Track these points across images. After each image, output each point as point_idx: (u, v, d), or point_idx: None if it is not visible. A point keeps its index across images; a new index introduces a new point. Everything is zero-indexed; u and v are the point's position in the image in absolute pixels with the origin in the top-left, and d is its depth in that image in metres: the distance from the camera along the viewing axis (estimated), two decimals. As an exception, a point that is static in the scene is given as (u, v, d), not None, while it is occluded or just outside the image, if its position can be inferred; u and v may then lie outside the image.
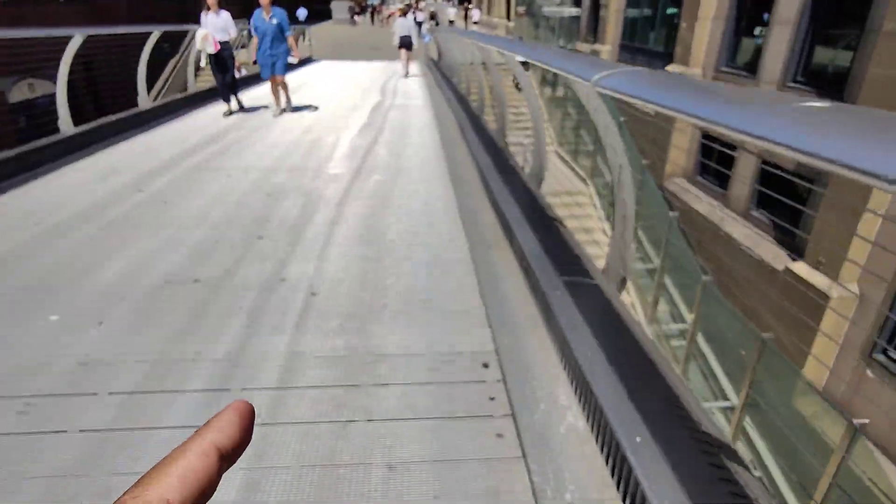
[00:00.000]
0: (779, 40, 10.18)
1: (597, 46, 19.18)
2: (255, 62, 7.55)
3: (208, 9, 7.03)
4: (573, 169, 14.52)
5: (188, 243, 3.40)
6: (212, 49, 7.02)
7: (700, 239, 11.41)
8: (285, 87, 7.70)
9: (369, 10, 42.61)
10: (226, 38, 7.18)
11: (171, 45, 18.07)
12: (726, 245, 10.50)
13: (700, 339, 7.09)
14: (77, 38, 6.05)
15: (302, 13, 31.92)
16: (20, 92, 13.88)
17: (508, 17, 38.03)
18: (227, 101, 7.76)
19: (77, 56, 6.66)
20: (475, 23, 42.30)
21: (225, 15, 7.12)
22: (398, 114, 8.21)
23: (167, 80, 17.28)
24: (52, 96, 11.47)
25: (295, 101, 9.34)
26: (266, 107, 8.19)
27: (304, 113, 8.07)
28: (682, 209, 11.00)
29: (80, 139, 6.06)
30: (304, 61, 18.88)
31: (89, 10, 17.84)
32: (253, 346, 2.33)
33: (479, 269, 3.07)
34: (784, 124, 1.07)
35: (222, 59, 7.30)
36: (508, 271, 3.02)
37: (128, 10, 18.85)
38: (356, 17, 42.93)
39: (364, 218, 3.93)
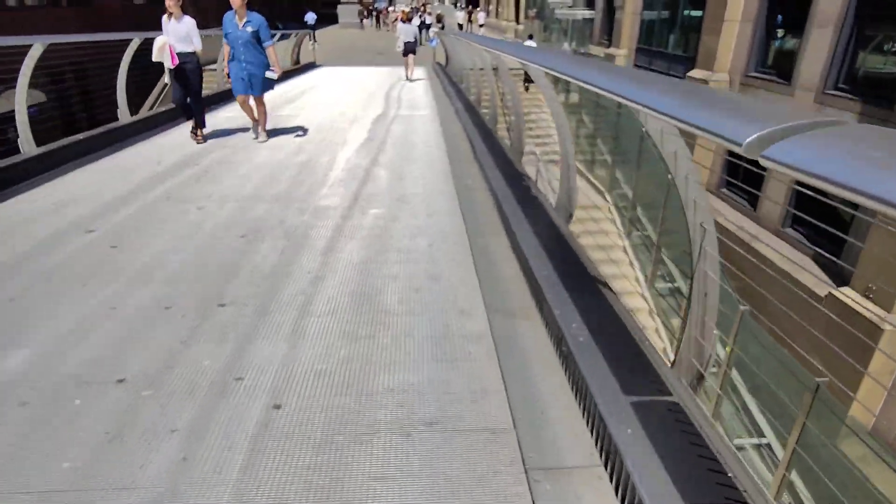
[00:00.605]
0: (818, 44, 9.34)
1: (612, 50, 18.36)
2: (227, 75, 6.39)
3: (170, 14, 5.82)
4: (589, 180, 13.76)
5: (125, 313, 2.64)
6: (170, 63, 5.75)
7: (726, 258, 10.56)
8: (263, 110, 6.45)
9: (374, 14, 42.00)
10: (188, 49, 5.91)
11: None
12: (757, 266, 9.65)
13: (734, 373, 6.37)
14: (37, 47, 5.35)
15: (311, 17, 31.44)
16: (8, 101, 13.23)
17: (517, 20, 37.28)
18: (197, 126, 6.33)
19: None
20: (481, 25, 41.61)
21: (188, 21, 5.95)
22: (402, 127, 7.45)
23: (164, 88, 16.64)
24: (40, 105, 10.64)
25: (292, 112, 8.62)
26: (247, 129, 7.40)
27: (300, 126, 7.34)
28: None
29: (43, 161, 5.34)
30: (307, 67, 18.22)
31: (88, 14, 17.27)
32: (174, 512, 1.56)
33: (503, 358, 2.30)
34: None
35: (184, 75, 5.96)
36: (546, 368, 2.24)
37: (123, 12, 18.30)
38: (364, 22, 42.43)
39: (356, 271, 3.16)
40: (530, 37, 22.06)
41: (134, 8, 20.25)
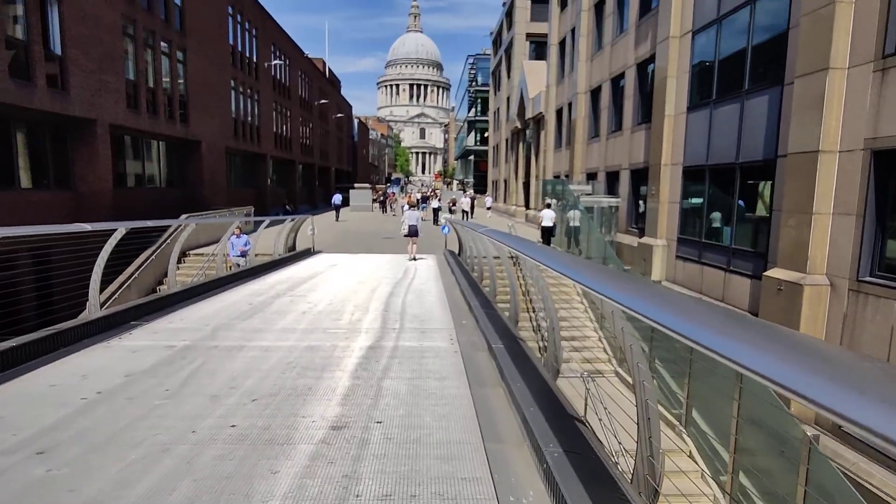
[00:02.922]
0: None
1: (647, 240, 16.32)
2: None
3: None
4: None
5: None
6: None
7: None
8: None
9: (381, 198, 42.57)
10: None
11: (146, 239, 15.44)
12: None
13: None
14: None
15: (337, 199, 34.69)
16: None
17: (527, 206, 37.18)
18: None
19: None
20: (488, 209, 41.80)
21: None
22: (403, 383, 4.36)
23: (131, 276, 14.30)
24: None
25: (240, 338, 5.58)
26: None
27: (237, 378, 4.31)
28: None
29: None
30: (303, 254, 16.09)
31: (71, 200, 15.64)
32: None
33: None
34: None
35: None
36: None
37: (113, 198, 16.81)
38: (374, 205, 43.01)
39: None
40: (548, 206, 20.25)
41: (129, 194, 18.98)
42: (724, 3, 12.80)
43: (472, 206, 33.00)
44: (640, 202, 18.34)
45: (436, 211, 33.00)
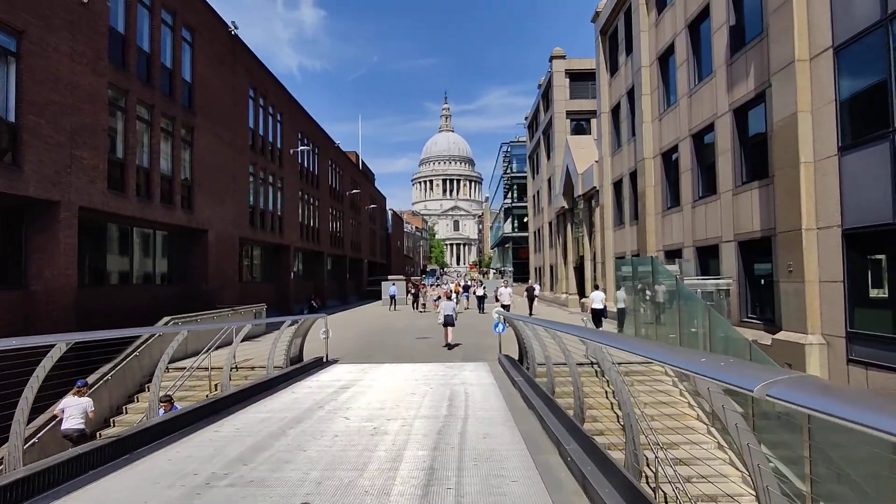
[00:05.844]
0: None
1: (788, 336, 11.52)
2: None
3: None
4: None
5: None
6: None
7: None
8: None
9: (412, 291, 37.95)
10: None
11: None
12: None
13: None
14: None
15: (393, 290, 34.63)
16: None
17: (581, 293, 32.52)
18: None
19: None
20: (535, 296, 37.27)
21: None
22: None
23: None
24: None
25: None
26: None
27: None
28: None
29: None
30: (310, 368, 11.91)
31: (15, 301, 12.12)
32: None
33: None
34: None
35: None
36: None
37: (78, 299, 13.28)
38: (408, 297, 38.86)
39: None
40: (596, 287, 17.49)
41: (102, 293, 15.55)
42: (894, -4, 9.01)
43: (532, 300, 28.14)
44: (758, 283, 13.76)
45: (480, 299, 29.04)
